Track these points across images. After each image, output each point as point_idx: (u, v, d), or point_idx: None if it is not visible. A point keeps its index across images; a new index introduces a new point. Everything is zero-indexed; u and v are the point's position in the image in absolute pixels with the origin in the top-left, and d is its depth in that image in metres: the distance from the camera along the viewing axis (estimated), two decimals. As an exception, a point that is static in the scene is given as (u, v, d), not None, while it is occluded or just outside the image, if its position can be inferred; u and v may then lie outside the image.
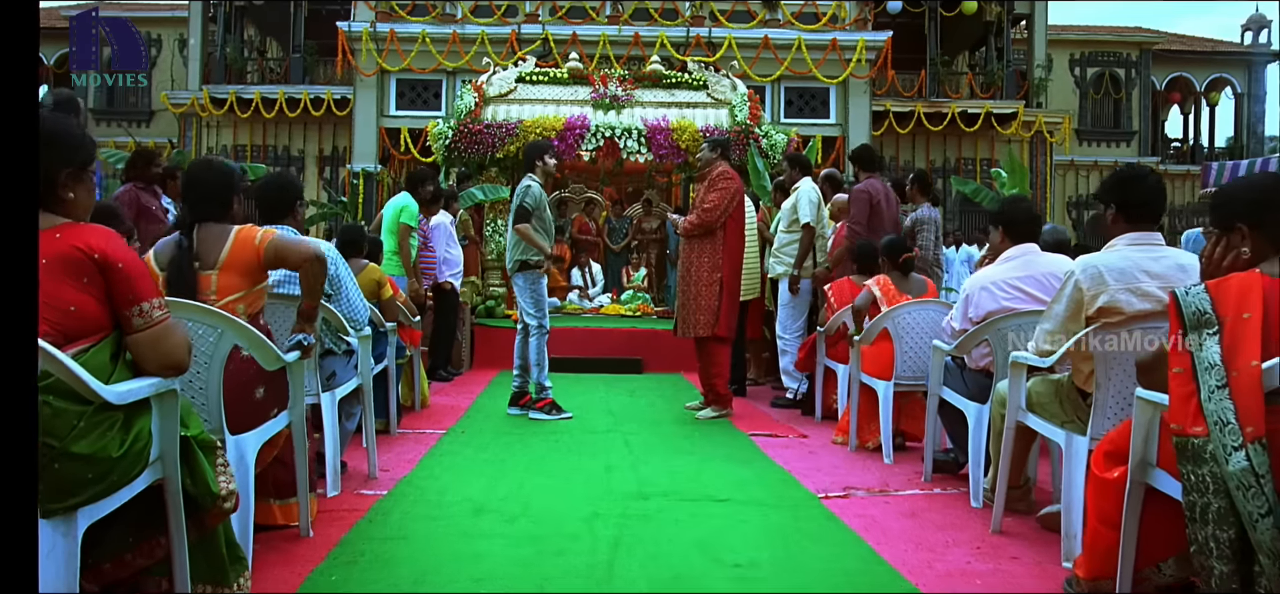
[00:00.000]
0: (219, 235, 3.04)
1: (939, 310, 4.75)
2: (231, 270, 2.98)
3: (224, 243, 3.01)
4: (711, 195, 6.06)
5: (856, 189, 6.69)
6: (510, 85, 11.13)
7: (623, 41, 15.10)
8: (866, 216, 6.51)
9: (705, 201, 6.08)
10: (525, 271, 6.18)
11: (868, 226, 6.45)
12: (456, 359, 8.65)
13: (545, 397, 6.15)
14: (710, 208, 6.03)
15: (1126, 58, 23.60)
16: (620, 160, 10.67)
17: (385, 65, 15.24)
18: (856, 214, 6.52)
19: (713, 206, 6.04)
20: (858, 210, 6.53)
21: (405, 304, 6.06)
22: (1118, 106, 23.65)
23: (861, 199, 6.57)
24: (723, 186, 6.10)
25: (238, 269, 2.99)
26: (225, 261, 2.98)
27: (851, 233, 6.50)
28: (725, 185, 6.11)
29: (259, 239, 3.04)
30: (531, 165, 6.31)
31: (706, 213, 6.04)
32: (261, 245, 3.03)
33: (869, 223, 6.49)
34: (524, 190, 6.14)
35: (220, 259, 2.99)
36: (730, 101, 11.00)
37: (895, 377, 4.78)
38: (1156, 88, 23.96)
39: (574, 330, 9.27)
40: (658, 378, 8.67)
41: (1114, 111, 23.66)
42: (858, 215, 6.52)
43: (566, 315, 11.32)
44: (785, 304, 6.90)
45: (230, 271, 2.98)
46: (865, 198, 6.56)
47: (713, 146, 6.36)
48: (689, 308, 6.24)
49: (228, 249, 3.00)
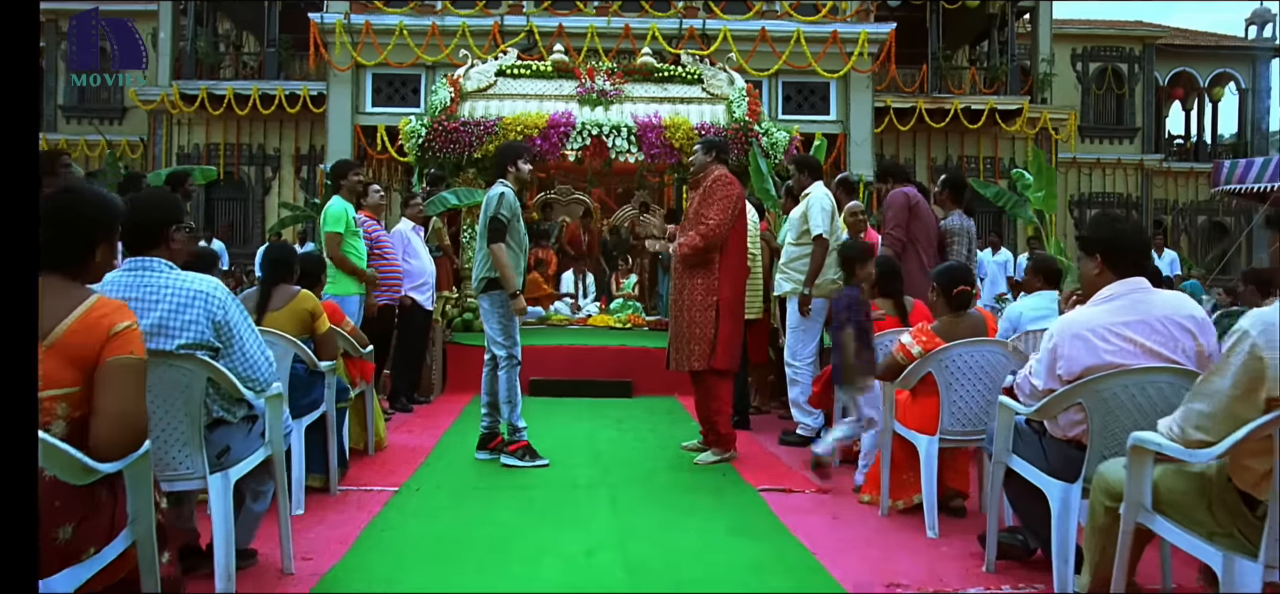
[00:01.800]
0: (63, 299, 2.06)
1: (1000, 354, 3.82)
2: (61, 355, 2.00)
3: (66, 313, 2.03)
4: (711, 210, 5.12)
5: (894, 193, 5.76)
6: (489, 79, 10.16)
7: (611, 34, 14.13)
8: (906, 224, 5.60)
9: (704, 217, 5.14)
10: (494, 291, 5.24)
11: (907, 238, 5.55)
12: (426, 385, 7.68)
13: (519, 439, 5.22)
14: (714, 226, 5.10)
15: (1129, 53, 22.72)
16: (609, 160, 9.72)
17: (360, 59, 14.23)
18: (895, 220, 5.60)
19: (716, 225, 5.11)
20: (896, 217, 5.61)
21: (353, 333, 5.10)
22: (1120, 102, 22.78)
23: (899, 204, 5.65)
24: (723, 196, 5.16)
25: (70, 355, 2.01)
26: (57, 341, 2.00)
27: (890, 244, 5.57)
28: (725, 194, 5.18)
29: (112, 328, 2.06)
30: (504, 170, 5.37)
31: (708, 232, 5.11)
32: (109, 334, 2.06)
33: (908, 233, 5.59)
34: (496, 199, 5.20)
35: (53, 334, 2.00)
36: (727, 96, 10.05)
37: (941, 431, 3.84)
38: (1159, 84, 23.11)
39: (557, 349, 8.31)
40: (649, 403, 7.73)
41: (1116, 108, 22.78)
42: (896, 222, 5.59)
43: (551, 328, 10.37)
44: (795, 327, 5.96)
45: (59, 356, 2.00)
46: (903, 202, 5.64)
47: (707, 148, 5.42)
48: (682, 336, 5.31)
49: (67, 325, 2.02)
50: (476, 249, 5.37)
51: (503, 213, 5.18)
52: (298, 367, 4.14)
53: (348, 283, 6.07)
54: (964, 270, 4.20)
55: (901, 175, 6.13)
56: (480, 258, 5.30)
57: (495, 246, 5.13)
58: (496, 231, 5.14)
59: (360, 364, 5.17)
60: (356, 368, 5.14)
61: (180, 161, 18.38)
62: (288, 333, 4.13)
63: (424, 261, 7.12)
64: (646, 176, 12.27)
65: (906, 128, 17.32)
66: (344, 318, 5.04)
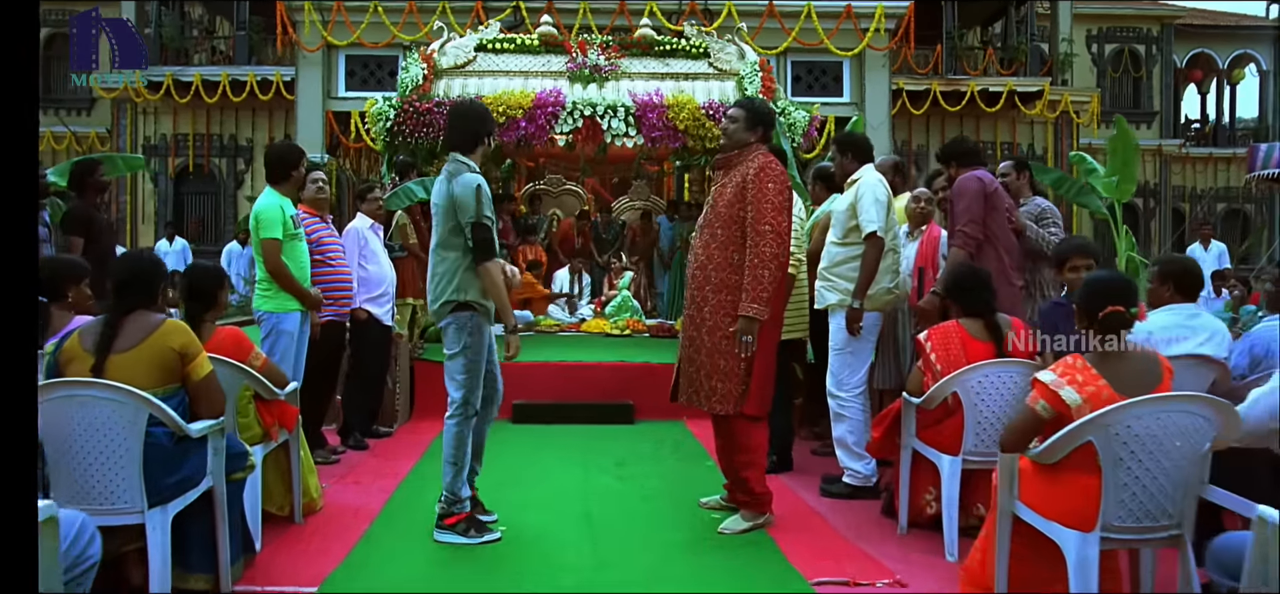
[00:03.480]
0: None
1: (1202, 415, 2.52)
2: None
3: None
4: (767, 213, 3.81)
5: (966, 179, 4.44)
6: (468, 55, 8.81)
7: (606, 10, 12.77)
8: (982, 216, 4.30)
9: (764, 220, 3.81)
10: (463, 313, 3.93)
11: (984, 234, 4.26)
12: (388, 413, 6.36)
13: (457, 511, 3.88)
14: (783, 233, 3.82)
15: (1147, 33, 21.44)
16: (604, 145, 8.39)
17: (331, 39, 12.85)
18: (968, 212, 4.30)
19: (785, 230, 3.84)
20: (970, 208, 4.31)
21: (266, 369, 3.78)
22: (1138, 85, 21.50)
23: (972, 191, 4.34)
24: (779, 193, 3.87)
25: None
26: None
27: (963, 242, 4.27)
28: (781, 190, 3.88)
29: None
30: (474, 141, 4.02)
31: (780, 240, 3.82)
32: None
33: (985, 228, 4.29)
34: (473, 192, 3.85)
35: None
36: (738, 72, 8.71)
37: (1103, 525, 2.54)
38: (1177, 65, 21.82)
39: (544, 368, 6.96)
40: (654, 432, 6.42)
41: (1134, 90, 21.50)
42: (970, 214, 4.29)
43: (539, 336, 9.06)
44: (841, 349, 4.65)
45: None
46: (977, 189, 4.34)
47: (752, 120, 4.08)
48: (700, 367, 4.01)
49: None
50: (433, 261, 4.05)
51: (487, 214, 3.87)
52: (155, 432, 2.82)
53: (286, 298, 4.74)
54: (1120, 284, 2.87)
55: (972, 156, 4.82)
56: (443, 274, 3.98)
57: (488, 267, 3.83)
58: (486, 243, 3.83)
59: (278, 408, 3.84)
60: (273, 413, 3.81)
61: (146, 154, 16.99)
62: (143, 382, 2.82)
63: (383, 267, 5.78)
64: (645, 165, 10.95)
65: (919, 112, 15.96)
66: (251, 349, 3.71)
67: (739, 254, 3.90)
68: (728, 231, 3.94)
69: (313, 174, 5.38)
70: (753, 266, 3.79)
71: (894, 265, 4.70)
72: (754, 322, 3.81)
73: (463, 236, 3.87)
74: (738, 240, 3.91)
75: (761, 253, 3.79)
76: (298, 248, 4.78)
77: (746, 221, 3.86)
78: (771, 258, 3.79)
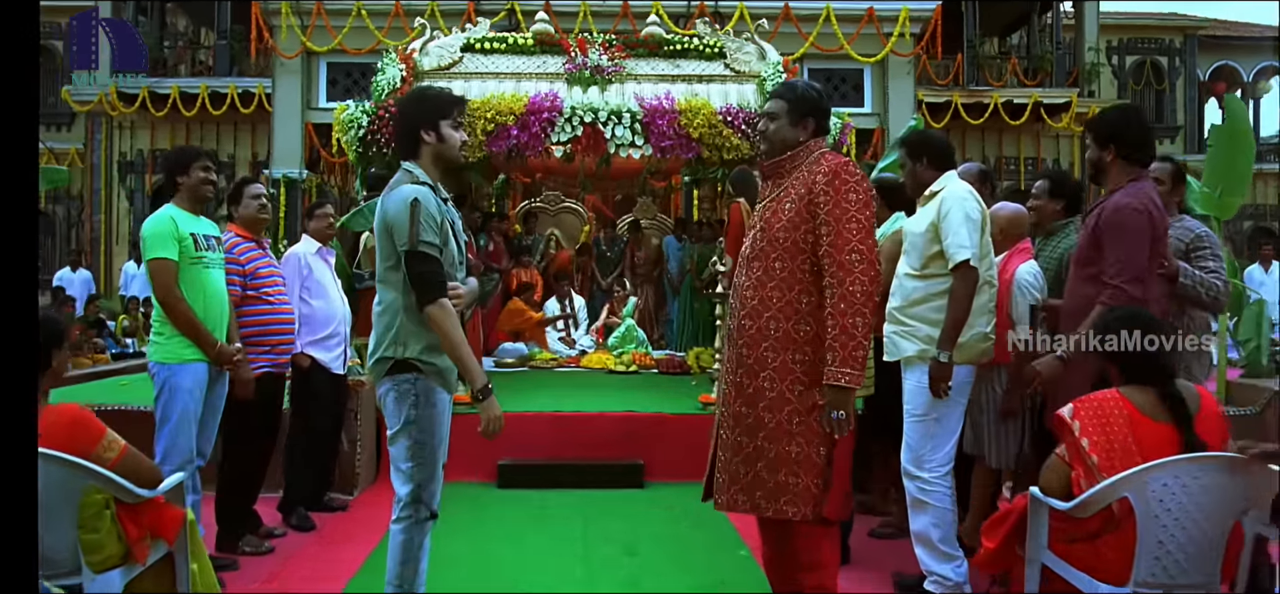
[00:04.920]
0: None
1: None
2: None
3: None
4: (856, 233, 2.68)
5: (1125, 205, 3.19)
6: (454, 56, 7.71)
7: (607, 13, 11.66)
8: (1146, 255, 3.12)
9: (848, 245, 2.67)
10: (404, 375, 2.80)
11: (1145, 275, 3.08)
12: (347, 476, 5.17)
13: None
14: (874, 260, 2.69)
15: (1169, 45, 20.35)
16: (607, 156, 7.25)
17: (311, 45, 11.73)
18: (1130, 260, 3.09)
19: (876, 257, 2.71)
20: (1134, 255, 3.10)
21: (121, 462, 2.61)
22: (1160, 98, 20.39)
23: (1137, 228, 3.11)
24: (861, 192, 2.73)
25: None
26: None
27: (1115, 296, 3.06)
28: (863, 200, 2.74)
29: None
30: (414, 139, 2.89)
31: (871, 271, 2.68)
32: None
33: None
34: (406, 209, 2.74)
35: None
36: (758, 73, 7.60)
37: None
38: (1200, 78, 20.73)
39: (537, 419, 5.74)
40: (668, 495, 5.25)
41: (1156, 103, 20.39)
42: (1134, 264, 3.09)
43: (534, 371, 7.89)
44: (922, 415, 3.46)
45: None
46: (1144, 226, 3.12)
47: (798, 108, 2.93)
48: (758, 455, 2.83)
49: None
50: (377, 305, 2.91)
51: (427, 239, 2.73)
52: None
53: (183, 344, 3.57)
54: None
55: (1142, 145, 3.33)
56: (379, 322, 2.85)
57: (435, 313, 2.74)
58: (427, 278, 2.74)
59: (150, 514, 2.67)
60: (141, 522, 2.64)
61: (122, 171, 15.89)
62: None
63: (331, 301, 4.60)
64: (652, 180, 9.80)
65: (940, 124, 14.81)
66: (98, 436, 2.54)
67: (809, 296, 2.75)
68: (790, 264, 2.79)
69: (249, 188, 4.23)
70: (839, 313, 2.64)
71: (990, 304, 3.54)
72: (848, 393, 2.65)
73: (403, 270, 2.75)
74: (806, 276, 2.76)
75: (849, 292, 2.63)
76: (204, 276, 3.61)
77: (820, 249, 2.71)
78: (863, 297, 2.63)
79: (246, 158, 15.77)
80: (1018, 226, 3.86)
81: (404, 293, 2.81)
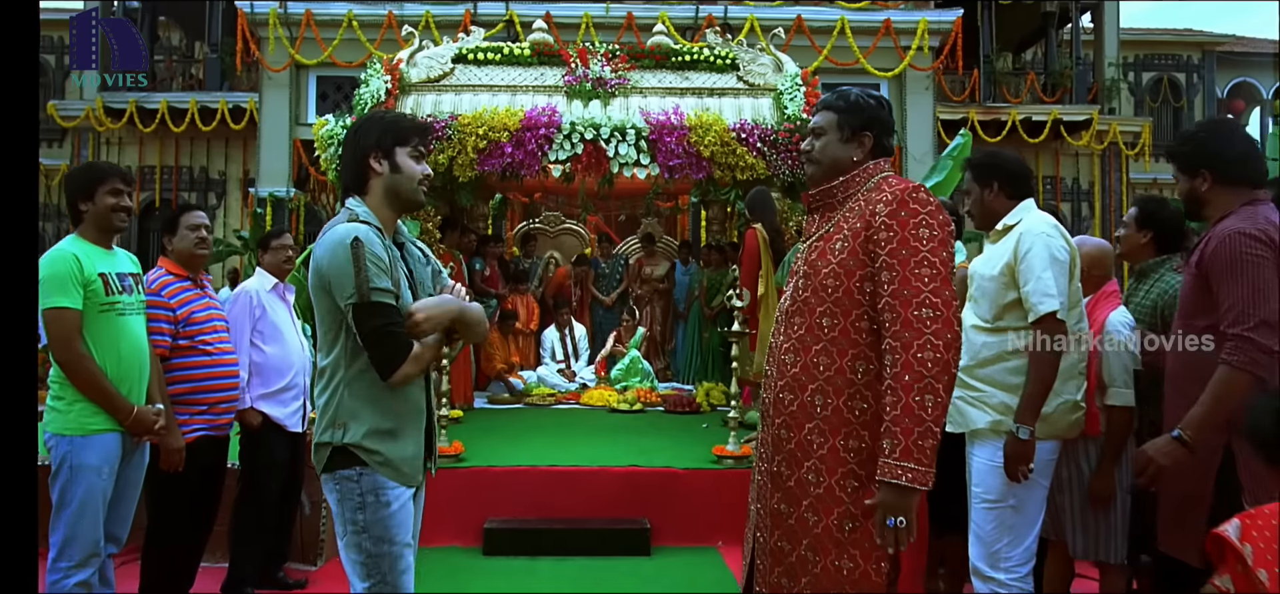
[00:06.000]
0: None
1: None
2: None
3: None
4: (929, 280, 2.01)
5: (1229, 228, 2.50)
6: (444, 67, 7.06)
7: (611, 25, 11.04)
8: (1276, 293, 2.43)
9: (918, 298, 2.00)
10: (347, 469, 2.15)
11: None
12: (308, 545, 4.46)
13: None
14: (951, 317, 2.01)
15: (1187, 61, 19.74)
16: (609, 176, 6.59)
17: (299, 57, 11.11)
18: (1252, 297, 2.43)
19: (956, 312, 2.04)
20: (1258, 286, 2.43)
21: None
22: (1178, 116, 19.75)
23: (1254, 251, 2.45)
24: (938, 226, 2.07)
25: None
26: None
27: (1247, 359, 2.39)
28: (940, 228, 2.07)
29: None
30: (362, 173, 2.25)
31: (948, 332, 2.01)
32: None
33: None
34: (344, 250, 2.10)
35: None
36: (774, 86, 6.95)
37: None
38: (1219, 95, 20.09)
39: (529, 474, 5.02)
40: (678, 563, 4.56)
41: (1173, 121, 19.74)
42: (1258, 298, 2.42)
43: (530, 410, 7.21)
44: (998, 502, 2.78)
45: None
46: (1263, 249, 2.45)
47: (850, 118, 2.28)
48: (788, 563, 2.18)
49: None
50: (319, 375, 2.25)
51: (379, 285, 2.12)
52: None
53: (89, 411, 2.88)
54: None
55: (1245, 163, 2.68)
56: (321, 400, 2.21)
57: (401, 374, 2.17)
58: (384, 338, 2.13)
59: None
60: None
61: (109, 187, 15.26)
62: None
63: (289, 347, 3.92)
64: (658, 202, 9.14)
65: (956, 142, 14.19)
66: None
67: (868, 363, 2.10)
68: (842, 321, 2.13)
69: (187, 217, 3.54)
70: (902, 386, 1.97)
71: (1081, 365, 2.86)
72: (910, 495, 1.97)
73: (346, 334, 2.10)
74: (863, 337, 2.11)
75: (918, 360, 1.97)
76: (118, 326, 2.93)
77: (880, 301, 2.06)
78: (936, 368, 1.97)
79: (237, 175, 15.15)
80: (1101, 266, 3.18)
81: (346, 360, 2.17)
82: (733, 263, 7.61)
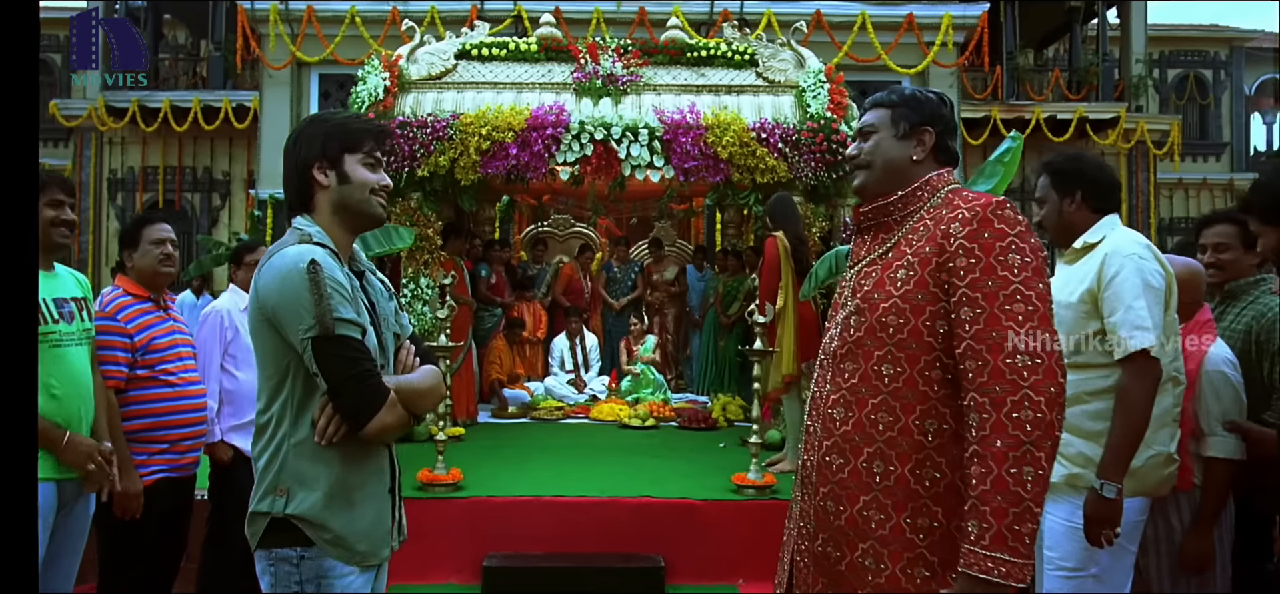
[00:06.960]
0: None
1: None
2: None
3: None
4: (1022, 315, 1.59)
5: None
6: (446, 63, 6.67)
7: (623, 20, 10.63)
8: None
9: (1007, 343, 1.58)
10: (286, 548, 1.76)
11: None
12: (289, 583, 4.09)
13: None
14: (1054, 367, 1.58)
15: (1214, 58, 19.17)
16: (621, 179, 6.18)
17: (301, 55, 10.76)
18: None
19: (1055, 345, 1.59)
20: None
21: None
22: (1204, 114, 19.19)
23: None
24: (1028, 249, 1.64)
25: None
26: None
27: None
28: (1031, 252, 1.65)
29: None
30: (305, 186, 1.86)
31: (1050, 383, 1.57)
32: None
33: None
34: (298, 277, 1.71)
35: None
36: (796, 84, 6.52)
37: None
38: (1247, 92, 19.51)
39: (533, 504, 4.59)
40: (697, 610, 4.14)
41: (1200, 119, 19.19)
42: None
43: (535, 425, 6.81)
44: (1072, 567, 2.36)
45: None
46: None
47: (906, 117, 1.87)
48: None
49: None
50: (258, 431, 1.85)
51: (341, 313, 1.72)
52: None
53: (24, 455, 2.49)
54: None
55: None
56: (261, 459, 1.82)
57: (374, 426, 1.79)
58: (357, 380, 1.75)
59: None
60: None
61: (112, 188, 14.97)
62: None
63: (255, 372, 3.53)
64: (672, 205, 8.72)
65: (977, 142, 13.69)
66: None
67: (941, 420, 1.69)
68: (907, 369, 1.71)
69: (150, 230, 3.15)
70: (993, 453, 1.56)
71: (1176, 410, 2.42)
72: (1003, 591, 1.55)
73: (294, 378, 1.72)
74: (935, 387, 1.70)
75: (1012, 421, 1.57)
76: (56, 357, 2.54)
77: (960, 344, 1.65)
78: (1038, 430, 1.56)
79: (241, 175, 14.82)
80: (1192, 291, 2.74)
81: (294, 411, 1.78)
82: (750, 269, 7.19)
